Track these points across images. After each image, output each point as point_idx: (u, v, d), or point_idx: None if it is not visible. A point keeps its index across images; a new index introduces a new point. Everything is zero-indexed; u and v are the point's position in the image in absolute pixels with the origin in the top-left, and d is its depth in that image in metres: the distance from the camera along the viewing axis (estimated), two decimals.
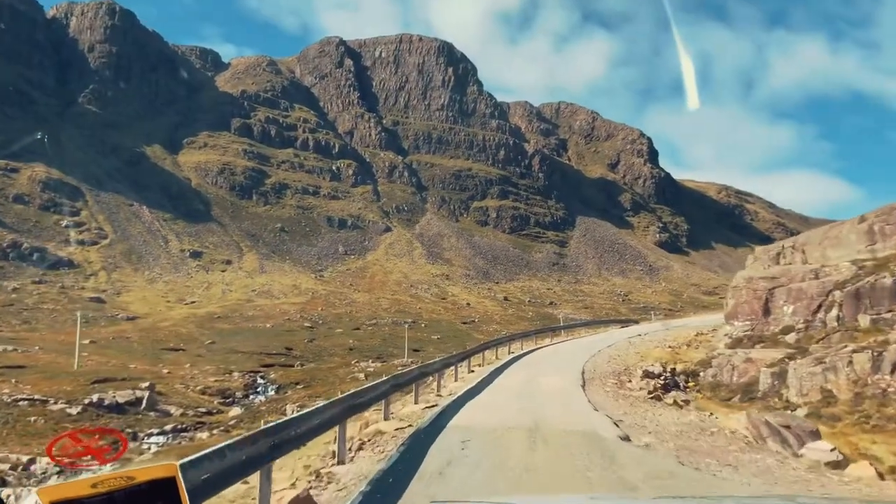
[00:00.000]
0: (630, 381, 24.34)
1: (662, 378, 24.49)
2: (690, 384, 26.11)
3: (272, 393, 46.98)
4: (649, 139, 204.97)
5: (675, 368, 27.58)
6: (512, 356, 36.03)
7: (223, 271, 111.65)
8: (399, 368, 31.12)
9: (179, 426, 37.16)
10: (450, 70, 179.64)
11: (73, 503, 1.14)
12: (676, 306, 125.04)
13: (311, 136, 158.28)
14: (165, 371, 49.68)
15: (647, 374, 24.58)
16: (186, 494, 1.23)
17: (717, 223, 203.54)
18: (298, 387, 46.93)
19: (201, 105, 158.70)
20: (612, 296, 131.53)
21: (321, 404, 10.95)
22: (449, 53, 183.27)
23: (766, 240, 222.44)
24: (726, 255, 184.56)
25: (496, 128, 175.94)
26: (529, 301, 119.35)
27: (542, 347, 42.97)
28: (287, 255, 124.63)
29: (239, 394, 45.76)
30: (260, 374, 49.94)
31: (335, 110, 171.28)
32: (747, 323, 30.71)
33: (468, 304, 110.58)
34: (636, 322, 70.06)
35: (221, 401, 43.82)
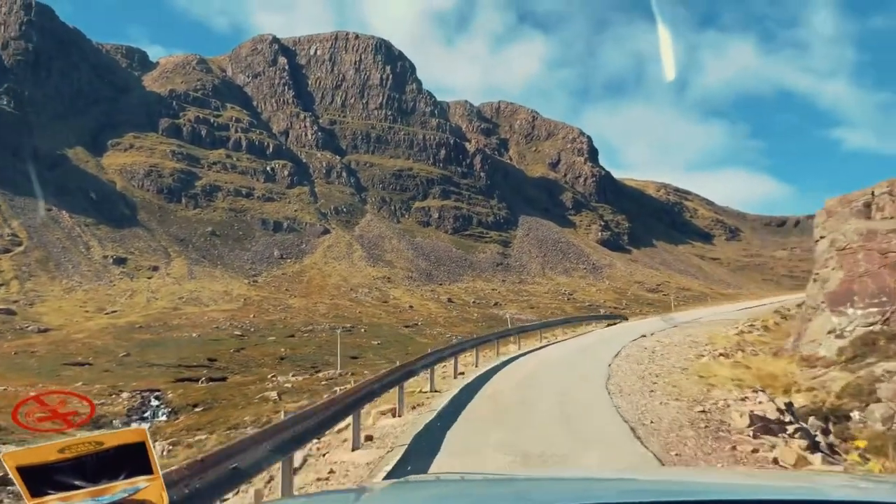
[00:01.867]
0: (729, 433, 11.78)
1: (788, 425, 12.36)
2: (854, 443, 12.73)
3: (163, 418, 39.77)
4: (589, 138, 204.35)
5: (790, 403, 14.14)
6: (471, 376, 21.62)
7: (149, 278, 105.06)
8: (323, 383, 26.57)
9: None
10: (388, 68, 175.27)
11: (40, 468, 1.11)
12: (621, 304, 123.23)
13: (243, 136, 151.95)
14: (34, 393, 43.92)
15: (759, 421, 12.10)
16: (156, 458, 1.21)
17: (657, 221, 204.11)
18: (197, 409, 39.87)
19: (127, 105, 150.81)
20: (557, 295, 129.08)
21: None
22: (386, 51, 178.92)
23: (706, 237, 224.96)
24: (667, 253, 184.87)
25: (436, 127, 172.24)
26: (474, 302, 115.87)
27: (513, 359, 26.44)
28: (218, 261, 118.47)
29: (117, 421, 37.35)
30: (156, 393, 43.85)
31: (269, 110, 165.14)
32: (874, 310, 18.72)
33: (411, 306, 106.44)
34: (623, 318, 56.36)
35: (87, 433, 37.56)
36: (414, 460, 10.13)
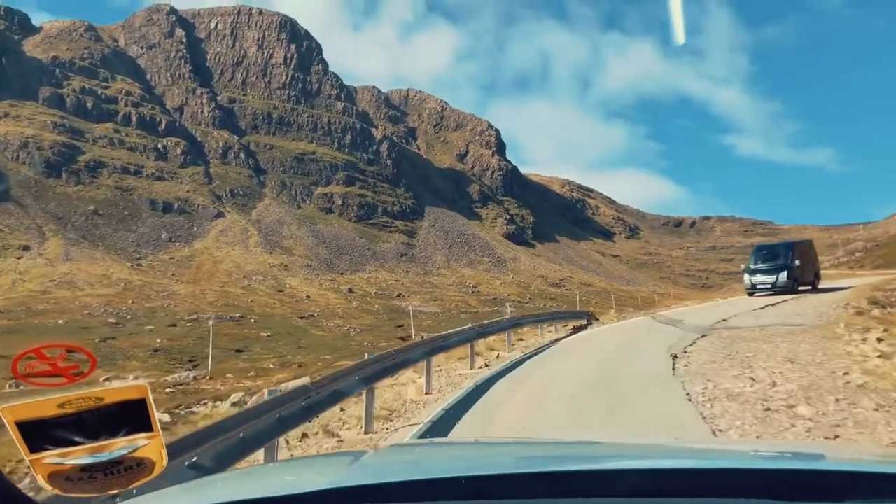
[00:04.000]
0: None
1: None
2: None
3: None
4: (497, 131, 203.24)
5: None
6: None
7: (18, 258, 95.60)
8: (167, 391, 21.76)
9: None
10: (292, 47, 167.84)
11: (39, 423, 1.10)
12: (526, 298, 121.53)
13: (134, 110, 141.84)
14: None
15: None
16: (156, 415, 1.21)
17: (560, 217, 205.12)
18: None
19: (3, 71, 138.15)
20: (462, 287, 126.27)
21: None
22: (292, 30, 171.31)
23: (607, 234, 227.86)
24: (570, 248, 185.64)
25: (342, 111, 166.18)
26: (376, 293, 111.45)
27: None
28: (100, 242, 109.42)
29: None
30: None
31: (163, 84, 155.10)
32: None
33: (308, 296, 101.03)
34: (590, 317, 33.93)
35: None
36: None
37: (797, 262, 32.11)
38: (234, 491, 1.47)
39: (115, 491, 1.22)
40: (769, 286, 32.04)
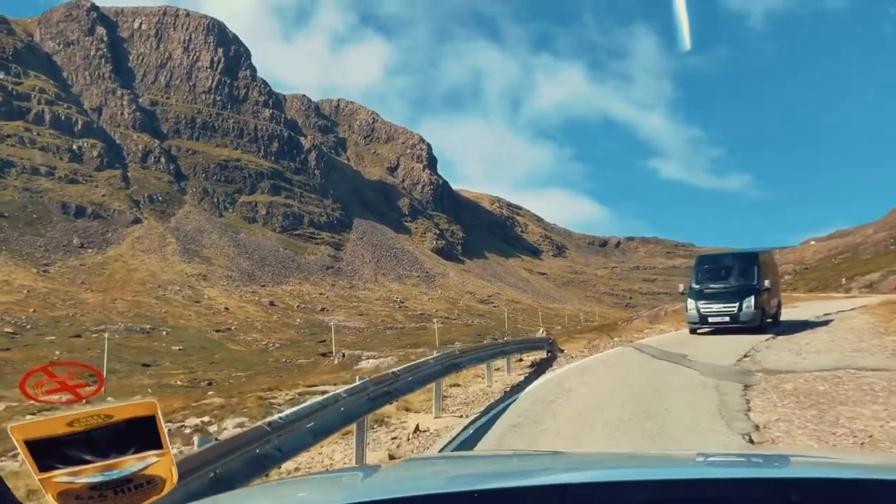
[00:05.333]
0: None
1: None
2: None
3: None
4: (429, 145, 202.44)
5: None
6: None
7: None
8: (44, 413, 18.72)
9: None
10: (220, 51, 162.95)
11: (48, 441, 1.10)
12: (453, 314, 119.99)
13: (48, 108, 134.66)
14: None
15: None
16: (166, 432, 1.22)
17: (490, 234, 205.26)
18: None
19: None
20: (389, 302, 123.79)
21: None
22: (220, 33, 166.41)
23: (535, 252, 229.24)
24: (498, 265, 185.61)
25: (270, 118, 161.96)
26: (299, 307, 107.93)
27: None
28: (3, 245, 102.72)
29: None
30: None
31: (81, 83, 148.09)
32: None
33: (226, 308, 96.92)
34: (551, 346, 22.95)
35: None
36: None
37: (766, 284, 22.26)
38: None
39: None
40: (726, 318, 21.81)
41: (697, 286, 23.09)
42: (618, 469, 1.94)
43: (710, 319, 22.21)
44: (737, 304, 21.55)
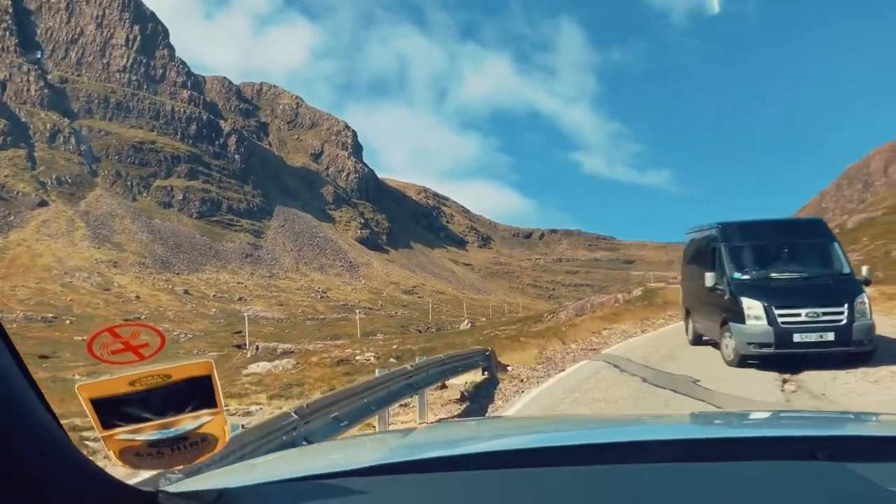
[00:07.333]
0: None
1: None
2: None
3: None
4: (354, 132, 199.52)
5: None
6: None
7: None
8: None
9: None
10: (136, 28, 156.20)
11: (112, 400, 1.16)
12: (377, 305, 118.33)
13: None
14: None
15: None
16: (221, 392, 1.26)
17: (415, 223, 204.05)
18: None
19: None
20: (311, 292, 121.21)
21: None
22: (136, 10, 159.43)
23: (460, 242, 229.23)
24: (423, 255, 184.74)
25: (188, 99, 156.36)
26: (215, 296, 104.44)
27: None
28: None
29: None
30: None
31: None
32: None
33: (137, 296, 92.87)
34: (496, 361, 14.93)
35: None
36: None
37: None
38: (285, 469, 1.54)
39: (181, 466, 1.27)
40: (829, 336, 11.57)
41: (744, 275, 12.60)
42: (648, 427, 1.99)
43: (798, 338, 11.62)
44: (845, 309, 11.68)
